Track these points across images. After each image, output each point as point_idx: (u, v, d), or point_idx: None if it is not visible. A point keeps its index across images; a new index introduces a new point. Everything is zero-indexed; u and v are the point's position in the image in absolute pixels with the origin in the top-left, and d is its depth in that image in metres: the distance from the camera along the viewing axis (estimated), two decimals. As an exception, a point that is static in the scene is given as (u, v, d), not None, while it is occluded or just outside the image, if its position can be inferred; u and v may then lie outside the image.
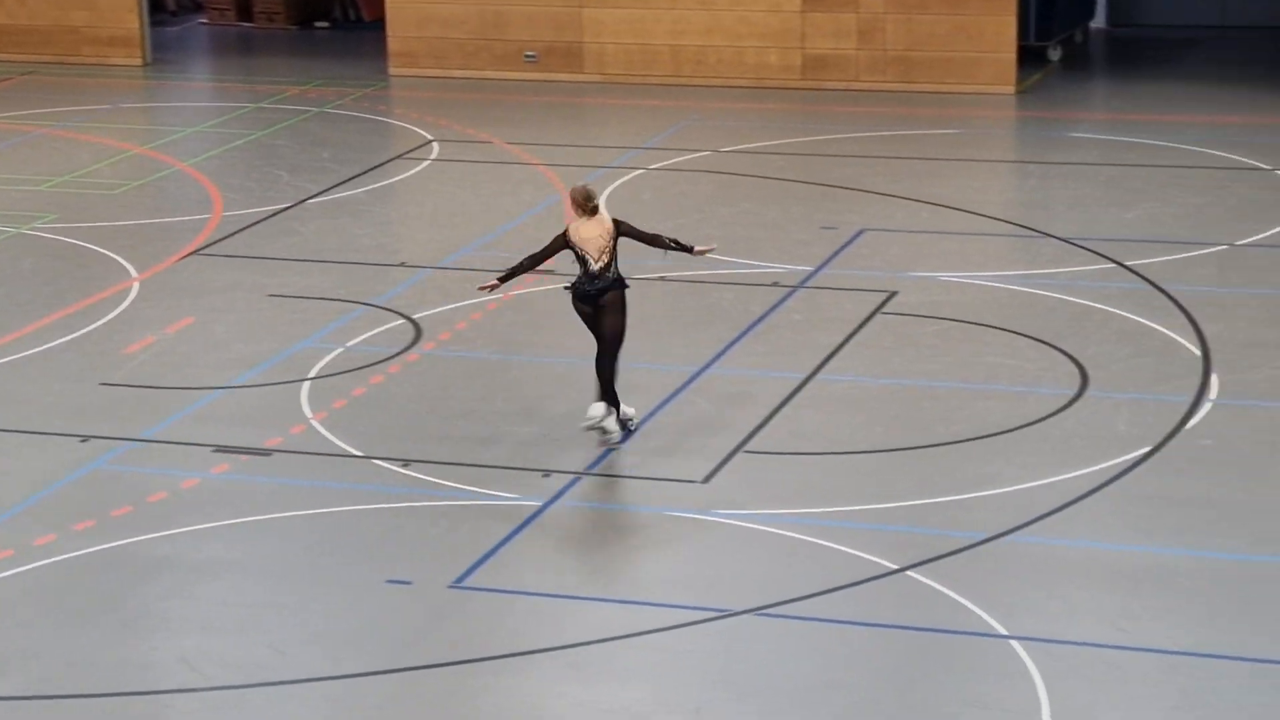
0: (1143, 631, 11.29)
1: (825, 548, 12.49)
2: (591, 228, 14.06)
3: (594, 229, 14.05)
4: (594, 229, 14.05)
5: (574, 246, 14.10)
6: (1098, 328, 16.36)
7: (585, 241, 14.05)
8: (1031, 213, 20.27)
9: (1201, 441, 14.01)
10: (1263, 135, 22.96)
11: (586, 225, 14.08)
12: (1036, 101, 25.35)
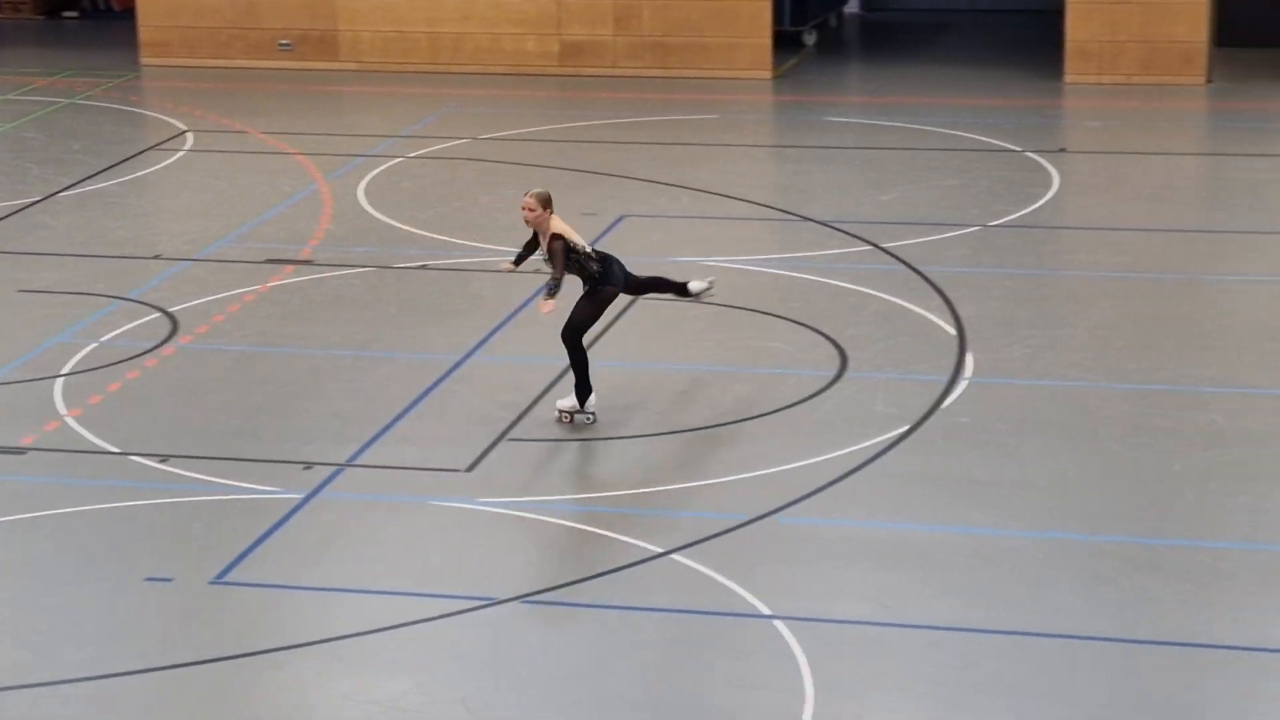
0: (903, 607, 11.46)
1: (590, 533, 12.51)
2: (566, 224, 13.94)
3: (567, 224, 13.95)
4: (567, 224, 13.95)
5: (577, 248, 13.84)
6: (856, 309, 16.58)
7: (572, 234, 13.88)
8: (789, 196, 20.48)
9: (958, 419, 14.25)
10: (1014, 117, 23.43)
11: (560, 222, 13.90)
12: (793, 86, 25.63)
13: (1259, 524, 12.45)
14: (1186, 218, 19.36)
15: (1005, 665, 10.78)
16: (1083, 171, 21.11)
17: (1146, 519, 12.62)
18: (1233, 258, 17.96)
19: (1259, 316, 16.20)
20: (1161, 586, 11.64)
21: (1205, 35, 24.69)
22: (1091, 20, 24.85)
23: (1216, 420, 14.06)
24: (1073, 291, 17.25)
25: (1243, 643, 10.97)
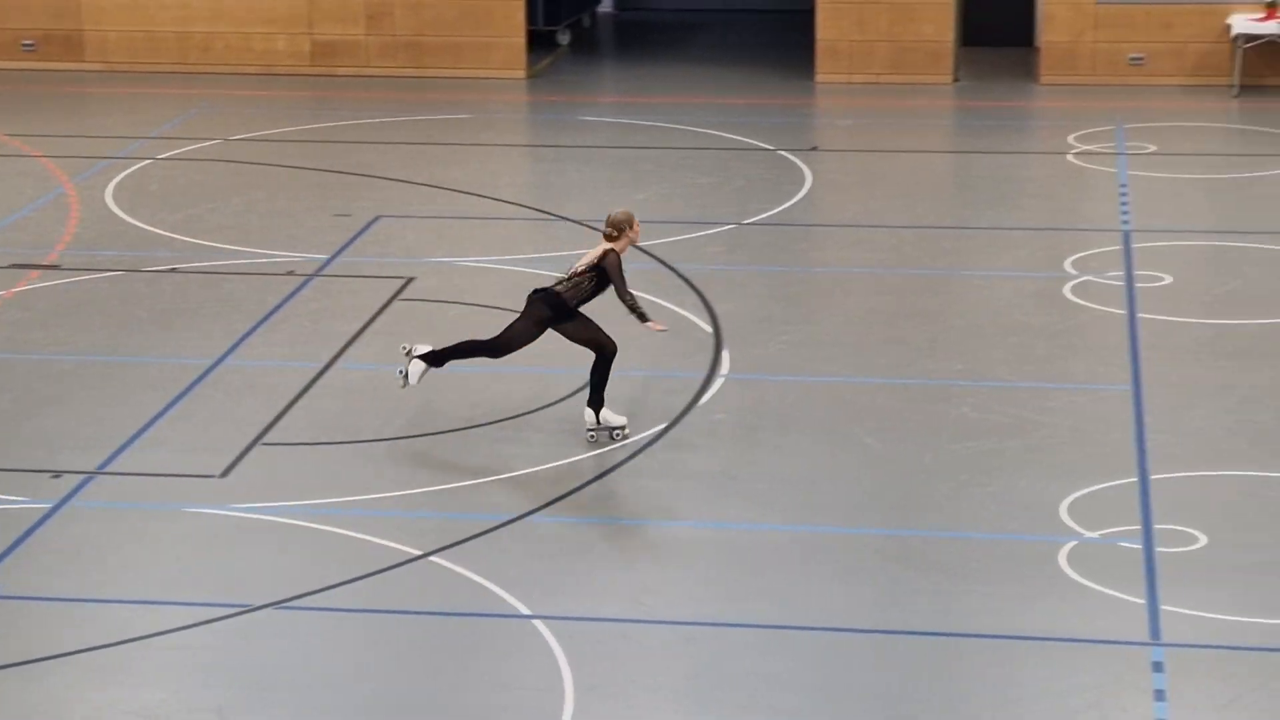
0: (661, 604, 11.52)
1: (347, 537, 12.39)
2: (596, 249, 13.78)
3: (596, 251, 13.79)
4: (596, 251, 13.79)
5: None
6: (611, 308, 16.57)
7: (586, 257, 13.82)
8: (545, 196, 20.49)
9: (715, 416, 14.36)
10: (766, 116, 23.66)
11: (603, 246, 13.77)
12: (547, 85, 25.64)
13: (1007, 514, 12.70)
14: (935, 214, 19.69)
15: (762, 659, 10.88)
16: (834, 169, 21.38)
17: (900, 511, 12.81)
18: (980, 253, 18.31)
19: (1006, 311, 16.52)
20: (915, 577, 11.83)
21: (952, 35, 25.16)
22: (841, 20, 25.20)
23: (966, 413, 14.32)
24: (826, 288, 17.46)
25: (994, 631, 11.18)
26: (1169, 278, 17.14)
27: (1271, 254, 18.03)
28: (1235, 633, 11.09)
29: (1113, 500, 12.81)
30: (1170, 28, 24.65)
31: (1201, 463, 13.38)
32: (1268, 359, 15.26)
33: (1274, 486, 13.02)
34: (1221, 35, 24.50)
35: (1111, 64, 24.78)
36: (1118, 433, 13.91)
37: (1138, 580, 11.69)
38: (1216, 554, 12.04)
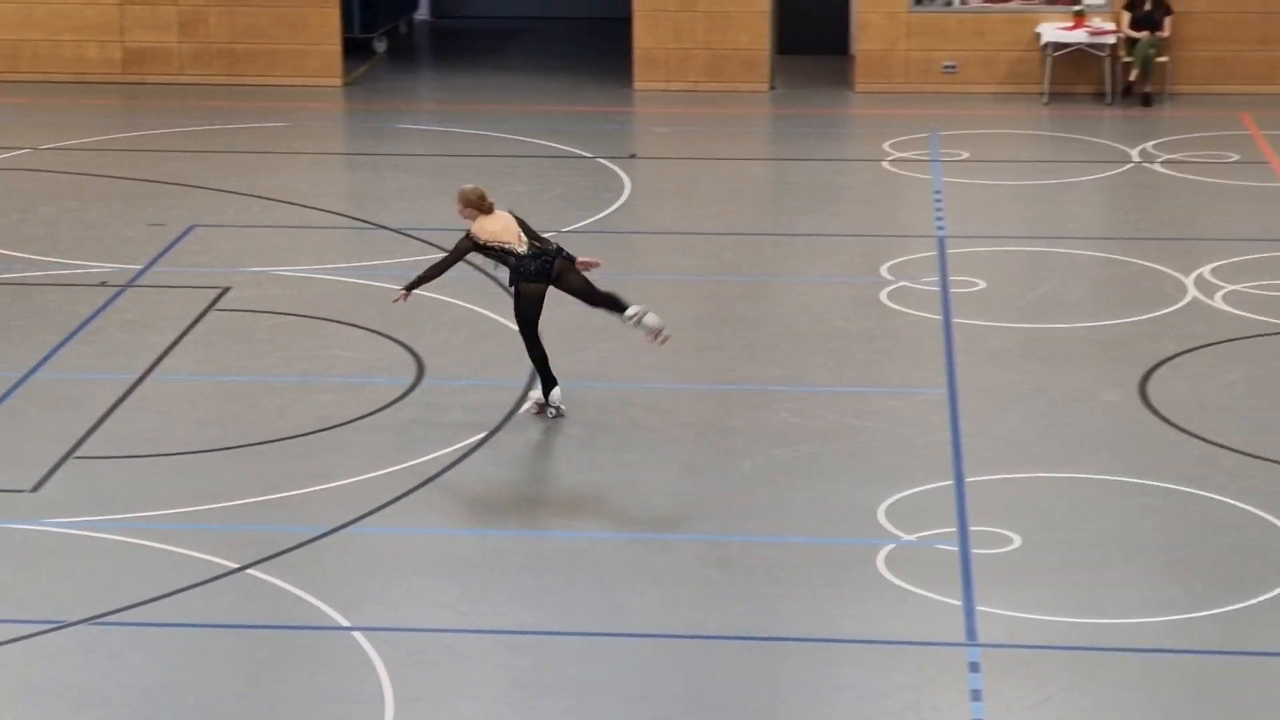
0: (481, 614, 11.47)
1: (164, 551, 12.22)
2: (494, 223, 13.95)
3: (498, 224, 13.94)
4: (498, 224, 13.94)
5: (487, 245, 13.97)
6: (432, 316, 16.54)
7: (497, 235, 13.98)
8: (363, 204, 20.36)
9: (534, 425, 14.32)
10: (585, 124, 23.68)
11: (489, 221, 14.03)
12: (364, 93, 25.49)
13: (825, 518, 12.80)
14: (754, 221, 19.81)
15: (582, 667, 10.86)
16: (653, 177, 21.45)
17: (719, 517, 12.86)
18: (798, 259, 18.44)
19: (824, 316, 16.65)
20: (735, 582, 11.88)
21: (768, 43, 25.33)
22: (658, 28, 25.28)
23: (785, 418, 14.41)
24: (646, 295, 17.39)
25: (812, 634, 11.26)
26: (982, 283, 17.37)
27: (1081, 259, 18.34)
28: (1049, 632, 11.26)
29: (929, 503, 12.95)
30: (982, 36, 25.01)
31: (1015, 465, 13.57)
32: (1078, 362, 15.51)
33: (1084, 487, 13.23)
34: (1032, 44, 24.89)
35: (925, 72, 25.08)
36: (934, 436, 14.07)
37: (954, 582, 11.82)
38: (1030, 555, 12.21)
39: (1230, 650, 11.04)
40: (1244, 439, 13.92)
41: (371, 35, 27.32)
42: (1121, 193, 20.68)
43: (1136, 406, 14.60)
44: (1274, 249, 18.30)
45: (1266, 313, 16.51)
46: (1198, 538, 12.42)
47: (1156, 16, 24.38)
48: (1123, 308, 16.78)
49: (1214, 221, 19.43)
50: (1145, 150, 22.06)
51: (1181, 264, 17.82)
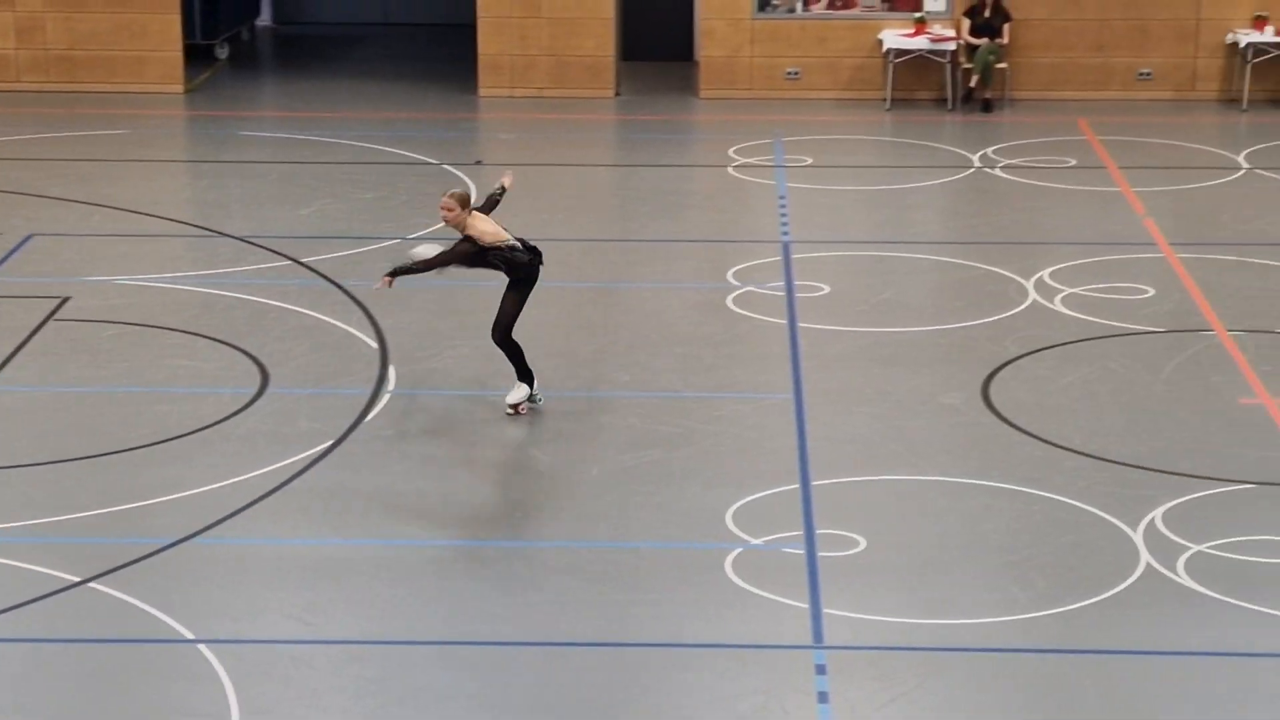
0: (329, 624, 11.40)
1: (3, 565, 12.03)
2: (485, 223, 14.29)
3: (488, 224, 14.30)
4: (488, 224, 14.30)
5: (496, 247, 14.18)
6: (276, 325, 16.42)
7: (497, 234, 14.23)
8: (207, 212, 20.15)
9: (381, 432, 14.26)
10: (430, 130, 23.61)
11: (480, 222, 14.27)
12: (206, 100, 25.25)
13: (674, 523, 12.84)
14: (601, 227, 19.83)
15: (431, 675, 10.83)
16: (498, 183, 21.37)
17: (567, 522, 12.87)
18: (645, 265, 18.48)
19: (670, 322, 16.71)
20: (584, 588, 11.88)
21: (612, 50, 25.38)
22: (502, 35, 25.26)
23: (634, 424, 14.44)
24: (492, 302, 17.38)
25: (663, 639, 11.29)
26: (827, 287, 17.50)
27: (923, 263, 18.53)
28: (894, 633, 11.36)
29: (776, 507, 13.03)
30: (824, 42, 25.20)
31: (860, 468, 13.68)
32: (921, 365, 15.67)
33: (928, 489, 13.37)
34: (874, 50, 25.12)
35: (768, 78, 25.24)
36: (780, 440, 14.16)
37: (801, 585, 11.90)
38: (875, 557, 12.32)
39: (1070, 649, 11.20)
40: (1083, 440, 14.12)
41: (213, 41, 27.08)
42: (963, 197, 20.92)
43: (979, 409, 14.77)
44: (1111, 252, 18.59)
45: (1104, 315, 16.77)
46: (1039, 538, 12.59)
47: (996, 23, 24.70)
48: (965, 311, 16.98)
49: (1053, 225, 19.71)
50: (986, 155, 22.34)
51: (1022, 268, 18.06)
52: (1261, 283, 17.66)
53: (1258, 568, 12.16)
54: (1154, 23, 25.00)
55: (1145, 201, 20.35)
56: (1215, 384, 15.26)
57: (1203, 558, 12.27)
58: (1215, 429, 14.39)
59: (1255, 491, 13.30)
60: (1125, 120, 24.02)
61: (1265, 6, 24.74)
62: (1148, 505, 13.01)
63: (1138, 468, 13.66)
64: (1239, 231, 19.33)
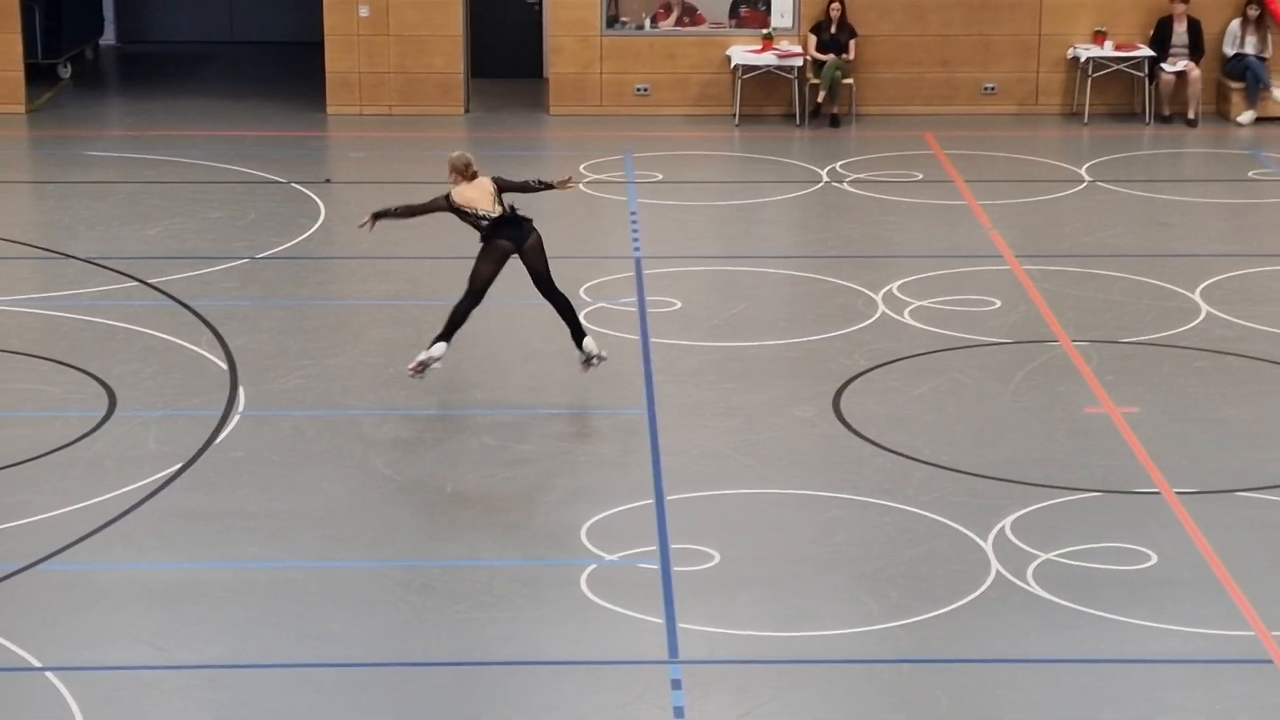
0: (181, 648, 11.28)
1: None
2: (473, 189, 14.99)
3: (475, 190, 14.98)
4: (475, 190, 14.98)
5: (461, 208, 14.98)
6: (124, 347, 16.24)
7: (473, 201, 14.97)
8: (51, 234, 19.89)
9: (232, 454, 14.14)
10: (278, 149, 23.44)
11: (469, 188, 14.99)
12: (50, 120, 24.94)
13: (528, 540, 12.82)
14: (450, 245, 19.72)
15: (285, 700, 10.74)
16: (349, 201, 21.29)
17: (421, 542, 12.82)
18: (496, 281, 18.34)
19: (523, 338, 16.70)
20: (437, 608, 11.84)
21: (462, 67, 25.35)
22: (350, 52, 25.14)
23: (487, 441, 14.41)
24: (343, 321, 17.38)
25: (518, 657, 11.27)
26: (679, 303, 17.56)
27: (773, 277, 18.64)
28: (749, 646, 11.42)
29: (630, 522, 13.05)
30: (673, 59, 25.31)
31: (713, 482, 13.74)
32: (771, 379, 15.76)
33: (780, 502, 13.45)
34: (722, 66, 25.26)
35: (618, 94, 25.30)
36: (634, 456, 14.19)
37: (656, 600, 11.93)
38: (730, 570, 12.37)
39: (924, 658, 11.31)
40: (933, 451, 14.27)
41: (56, 60, 26.74)
42: (812, 212, 21.07)
43: (830, 421, 14.88)
44: (958, 265, 18.80)
45: (952, 327, 16.95)
46: (891, 549, 12.70)
47: (841, 39, 24.92)
48: (815, 325, 17.10)
49: (901, 239, 19.91)
50: (834, 170, 22.52)
51: (871, 281, 18.22)
52: (1104, 293, 17.93)
53: (1104, 574, 12.34)
54: (997, 38, 25.34)
55: (991, 214, 20.61)
56: (1061, 393, 15.47)
57: (1051, 565, 12.43)
58: (1062, 438, 14.58)
59: (1101, 499, 13.50)
60: (970, 134, 24.32)
61: (1104, 21, 25.14)
62: (997, 514, 13.16)
63: (987, 477, 13.82)
64: (1082, 243, 19.62)
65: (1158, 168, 23.24)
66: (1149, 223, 20.50)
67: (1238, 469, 14.01)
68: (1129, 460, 14.15)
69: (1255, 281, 18.36)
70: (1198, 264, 18.86)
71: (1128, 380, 15.75)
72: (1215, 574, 12.33)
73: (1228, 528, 13.02)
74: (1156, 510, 13.31)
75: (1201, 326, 17.03)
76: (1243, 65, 24.98)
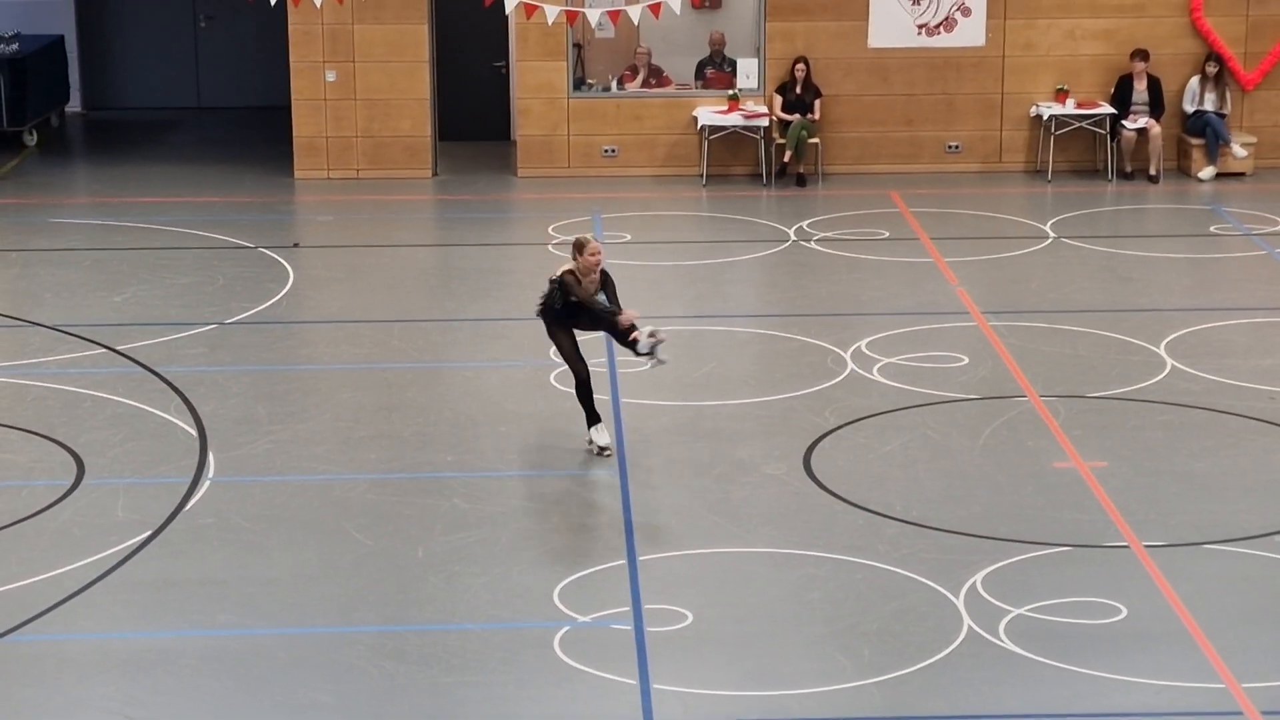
0: (151, 718, 11.21)
1: None
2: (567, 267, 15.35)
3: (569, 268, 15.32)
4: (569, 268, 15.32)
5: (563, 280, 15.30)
6: (91, 414, 16.21)
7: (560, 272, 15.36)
8: (16, 301, 19.84)
9: (202, 520, 14.10)
10: (246, 214, 23.45)
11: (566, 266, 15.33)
12: (15, 188, 24.91)
13: (501, 603, 12.80)
14: (421, 307, 19.80)
15: (259, 766, 10.70)
16: (317, 265, 21.31)
17: (393, 606, 12.79)
18: (467, 344, 18.47)
19: (494, 400, 16.70)
20: (411, 672, 11.81)
21: (429, 130, 25.41)
22: (317, 116, 25.19)
23: (458, 504, 14.40)
24: (313, 385, 17.36)
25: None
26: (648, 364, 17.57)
27: (743, 336, 18.69)
28: (724, 706, 11.40)
29: (603, 583, 13.04)
30: (640, 120, 25.40)
31: (685, 541, 13.74)
32: (742, 437, 15.78)
33: (752, 561, 13.45)
34: (689, 127, 25.36)
35: (586, 156, 25.38)
36: (605, 516, 14.19)
37: (630, 661, 11.91)
38: (703, 630, 12.36)
39: (897, 715, 11.30)
40: (904, 507, 14.29)
41: (21, 128, 26.74)
42: (780, 270, 21.14)
43: (801, 479, 14.90)
44: (926, 322, 18.87)
45: (920, 384, 16.99)
46: (864, 606, 12.71)
47: (807, 99, 25.04)
48: (785, 383, 17.14)
49: (869, 296, 19.97)
50: (801, 229, 22.60)
51: (840, 338, 18.28)
52: (1070, 349, 18.00)
53: (1075, 629, 12.35)
54: (960, 97, 25.48)
55: (957, 271, 20.69)
56: (1029, 449, 15.52)
57: (1023, 620, 12.45)
58: (1031, 493, 14.62)
59: (1070, 553, 13.53)
60: (936, 192, 24.44)
61: (1065, 80, 25.31)
62: (968, 570, 13.18)
63: (957, 533, 13.84)
64: (1048, 299, 19.71)
65: (1121, 223, 23.37)
66: (1113, 278, 20.60)
67: (1205, 521, 14.06)
68: (1098, 514, 14.19)
69: (1218, 335, 18.45)
70: (1162, 318, 18.96)
71: (1095, 434, 15.81)
72: (1185, 627, 12.36)
73: (1197, 580, 13.06)
74: (1126, 564, 13.35)
75: (1167, 380, 17.11)
76: (1203, 121, 25.14)
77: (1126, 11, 25.36)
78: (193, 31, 30.15)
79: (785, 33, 25.25)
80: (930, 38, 25.35)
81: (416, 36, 25.10)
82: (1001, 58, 25.38)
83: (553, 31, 24.82)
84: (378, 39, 25.05)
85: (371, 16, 24.93)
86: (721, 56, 25.71)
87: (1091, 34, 25.41)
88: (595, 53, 25.95)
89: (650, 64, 25.68)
